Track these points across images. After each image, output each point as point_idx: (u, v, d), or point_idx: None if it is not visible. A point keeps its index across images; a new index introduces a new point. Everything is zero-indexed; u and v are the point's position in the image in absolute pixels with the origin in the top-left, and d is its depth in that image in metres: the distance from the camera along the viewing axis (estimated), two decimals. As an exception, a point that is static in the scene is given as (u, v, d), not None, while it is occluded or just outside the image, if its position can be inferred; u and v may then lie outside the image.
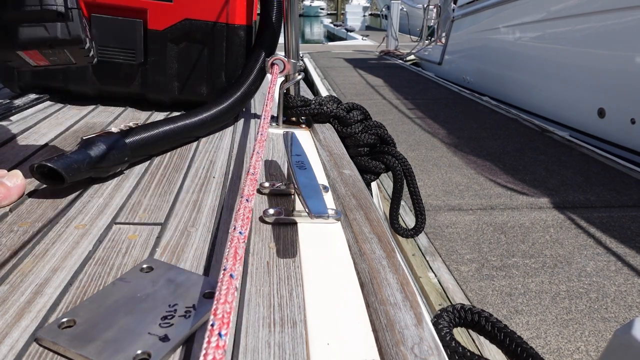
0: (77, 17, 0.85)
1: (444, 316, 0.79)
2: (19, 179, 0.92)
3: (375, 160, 1.49)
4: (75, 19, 0.85)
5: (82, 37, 0.85)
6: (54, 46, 0.85)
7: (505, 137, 4.60)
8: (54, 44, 0.85)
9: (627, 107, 4.32)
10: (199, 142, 1.34)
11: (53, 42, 0.84)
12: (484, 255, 2.53)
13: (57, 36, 0.84)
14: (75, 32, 0.85)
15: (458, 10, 8.26)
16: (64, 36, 0.84)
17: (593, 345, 1.90)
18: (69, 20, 0.84)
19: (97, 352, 0.53)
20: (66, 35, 0.84)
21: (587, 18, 4.87)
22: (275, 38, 1.56)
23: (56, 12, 0.82)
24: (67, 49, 0.88)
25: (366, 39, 15.86)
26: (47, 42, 0.84)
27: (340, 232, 0.86)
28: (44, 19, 0.82)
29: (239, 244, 0.53)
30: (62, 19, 0.83)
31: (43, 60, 0.91)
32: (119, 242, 0.79)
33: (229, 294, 0.44)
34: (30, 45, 0.84)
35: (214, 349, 0.37)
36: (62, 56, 0.91)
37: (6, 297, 0.64)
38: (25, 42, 0.83)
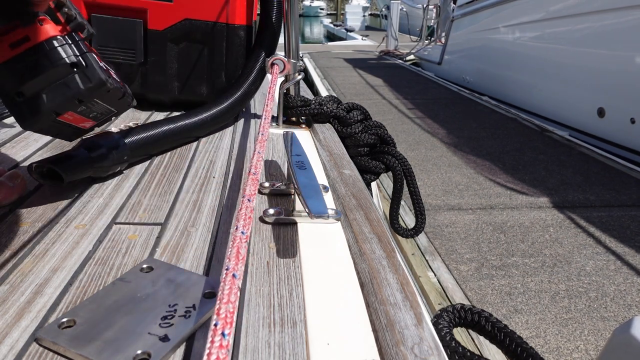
0: (91, 61, 0.81)
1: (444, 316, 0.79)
2: (19, 179, 0.92)
3: (375, 160, 1.49)
4: (89, 64, 0.81)
5: (103, 79, 0.81)
6: (82, 99, 0.81)
7: (505, 137, 4.60)
8: (81, 97, 0.81)
9: (626, 106, 4.32)
10: (199, 142, 1.34)
11: (78, 95, 0.80)
12: (484, 254, 2.53)
13: (79, 87, 0.80)
14: (94, 77, 0.81)
15: (457, 10, 8.26)
16: (85, 85, 0.80)
17: (592, 345, 1.90)
18: (84, 67, 0.80)
19: (97, 352, 0.53)
20: (87, 83, 0.80)
21: (587, 18, 4.87)
22: (275, 38, 1.56)
23: (69, 64, 0.78)
24: (97, 97, 0.84)
25: (366, 39, 15.86)
26: (74, 97, 0.80)
27: (340, 232, 0.86)
28: (60, 76, 0.79)
29: (241, 243, 0.53)
30: (78, 68, 0.79)
31: (86, 120, 0.88)
32: (119, 242, 0.79)
33: (232, 293, 0.44)
34: (61, 108, 0.80)
35: (217, 348, 0.37)
36: (99, 107, 0.87)
37: (6, 297, 0.64)
38: (53, 106, 0.79)
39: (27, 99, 0.78)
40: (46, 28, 0.77)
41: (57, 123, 0.83)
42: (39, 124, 0.80)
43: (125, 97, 0.91)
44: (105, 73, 0.84)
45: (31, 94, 0.78)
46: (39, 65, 0.77)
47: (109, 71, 0.89)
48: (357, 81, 7.53)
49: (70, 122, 0.85)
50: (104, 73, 0.83)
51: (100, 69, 0.82)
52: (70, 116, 0.83)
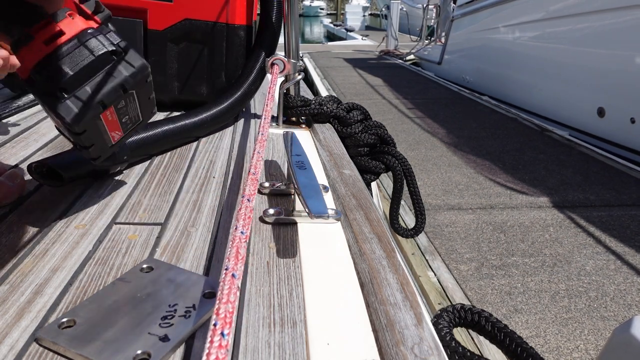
0: (129, 47, 0.78)
1: (444, 316, 0.79)
2: (19, 179, 0.92)
3: (375, 160, 1.49)
4: (129, 50, 0.77)
5: (145, 63, 0.78)
6: (127, 88, 0.77)
7: (505, 137, 4.60)
8: (126, 85, 0.76)
9: (626, 106, 4.32)
10: (199, 142, 1.34)
11: (124, 83, 0.76)
12: (484, 254, 2.53)
13: (123, 74, 0.76)
14: (136, 62, 0.77)
15: (457, 10, 8.26)
16: (129, 70, 0.76)
17: (592, 344, 1.90)
18: (124, 54, 0.77)
19: (97, 352, 0.53)
20: (131, 68, 0.77)
21: (587, 17, 4.87)
22: (275, 38, 1.56)
23: (109, 52, 0.75)
24: (138, 88, 0.80)
25: (366, 38, 15.86)
26: (119, 86, 0.76)
27: (340, 232, 0.86)
28: (103, 66, 0.75)
29: (241, 243, 0.53)
30: (118, 56, 0.76)
31: (118, 128, 0.82)
32: (119, 242, 0.79)
33: (231, 293, 0.44)
34: (107, 98, 0.75)
35: (216, 348, 0.37)
36: (132, 109, 0.83)
37: (6, 297, 0.64)
38: (100, 97, 0.74)
39: (71, 94, 0.73)
40: (78, 21, 0.75)
41: (99, 123, 0.78)
42: (86, 119, 0.74)
43: (152, 100, 0.88)
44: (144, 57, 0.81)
45: (75, 88, 0.73)
46: (77, 58, 0.73)
47: None
48: (357, 81, 7.53)
49: (106, 126, 0.80)
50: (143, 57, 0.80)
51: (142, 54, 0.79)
52: (110, 115, 0.79)
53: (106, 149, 0.83)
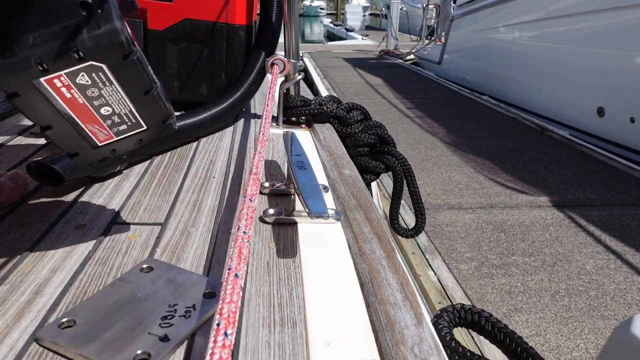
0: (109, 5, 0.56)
1: (444, 316, 0.79)
2: (19, 179, 0.92)
3: (375, 160, 1.49)
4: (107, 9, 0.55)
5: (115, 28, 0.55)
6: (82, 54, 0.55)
7: (505, 136, 4.60)
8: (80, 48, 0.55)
9: (626, 106, 4.32)
10: (199, 142, 1.34)
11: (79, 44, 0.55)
12: (484, 253, 2.53)
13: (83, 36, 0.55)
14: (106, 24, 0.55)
15: (457, 10, 8.25)
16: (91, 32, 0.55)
17: (592, 343, 1.90)
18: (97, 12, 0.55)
19: (97, 352, 0.53)
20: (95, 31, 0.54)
21: (586, 17, 4.87)
22: (275, 38, 1.56)
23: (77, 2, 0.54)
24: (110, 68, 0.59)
25: (366, 38, 15.85)
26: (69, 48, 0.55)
27: (340, 232, 0.86)
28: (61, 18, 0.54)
29: (243, 243, 0.53)
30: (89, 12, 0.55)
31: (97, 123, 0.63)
32: (119, 242, 0.79)
33: (234, 293, 0.44)
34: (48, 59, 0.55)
35: (220, 348, 0.37)
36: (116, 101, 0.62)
37: (6, 297, 0.64)
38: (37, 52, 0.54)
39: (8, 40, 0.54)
40: None
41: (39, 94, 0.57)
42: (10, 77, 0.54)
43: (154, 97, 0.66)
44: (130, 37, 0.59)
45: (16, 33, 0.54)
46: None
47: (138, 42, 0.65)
48: (357, 81, 7.53)
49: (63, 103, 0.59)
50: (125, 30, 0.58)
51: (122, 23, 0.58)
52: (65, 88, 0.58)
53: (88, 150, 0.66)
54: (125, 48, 0.58)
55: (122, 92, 0.62)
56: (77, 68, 0.57)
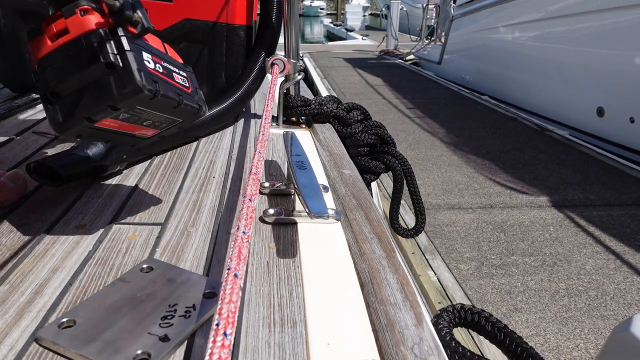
0: (130, 62, 0.67)
1: (444, 316, 0.79)
2: (19, 179, 0.92)
3: (375, 160, 1.49)
4: (127, 65, 0.67)
5: (139, 85, 0.67)
6: (116, 106, 0.68)
7: (505, 136, 4.60)
8: (113, 103, 0.68)
9: (626, 106, 4.32)
10: (199, 142, 1.34)
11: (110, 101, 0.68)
12: (484, 253, 2.53)
13: (112, 92, 0.67)
14: (130, 81, 0.67)
15: (457, 10, 8.25)
16: (119, 90, 0.67)
17: (592, 343, 1.90)
18: (121, 68, 0.67)
19: (97, 352, 0.53)
20: (121, 88, 0.67)
21: (586, 17, 4.87)
22: (275, 38, 1.56)
23: (103, 65, 0.66)
24: (139, 105, 0.71)
25: (366, 38, 15.85)
26: (105, 103, 0.67)
27: (340, 232, 0.86)
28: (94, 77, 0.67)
29: (243, 243, 0.53)
30: (113, 69, 0.67)
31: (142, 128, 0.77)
32: (119, 242, 0.79)
33: (234, 293, 0.44)
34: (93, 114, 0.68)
35: (219, 348, 0.37)
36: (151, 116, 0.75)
37: (6, 297, 0.64)
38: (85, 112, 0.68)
39: (61, 100, 0.68)
40: (88, 20, 0.67)
41: (98, 130, 0.72)
42: (72, 130, 0.70)
43: (183, 107, 0.78)
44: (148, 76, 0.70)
45: (66, 94, 0.68)
46: (74, 62, 0.67)
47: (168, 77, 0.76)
48: (357, 81, 7.53)
49: (116, 129, 0.74)
50: (146, 77, 0.69)
51: (142, 72, 0.69)
52: (113, 123, 0.72)
53: (144, 141, 0.83)
54: (149, 97, 0.70)
55: (156, 112, 0.76)
56: (116, 113, 0.71)
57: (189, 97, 0.80)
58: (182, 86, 0.80)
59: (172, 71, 0.79)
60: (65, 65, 0.67)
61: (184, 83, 0.81)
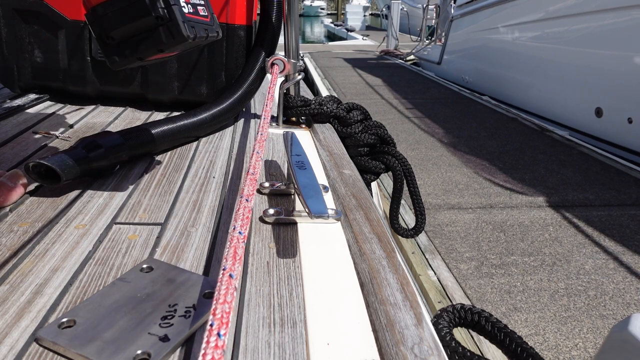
0: (176, 15, 0.80)
1: (444, 316, 0.79)
2: (19, 179, 0.92)
3: (375, 160, 1.49)
4: (174, 18, 0.80)
5: (185, 35, 0.81)
6: (164, 49, 0.82)
7: (505, 137, 4.60)
8: (163, 48, 0.82)
9: (624, 106, 4.32)
10: (199, 142, 1.34)
11: (161, 46, 0.82)
12: (483, 253, 2.53)
13: (161, 40, 0.81)
14: (177, 32, 0.80)
15: (457, 10, 8.25)
16: (167, 39, 0.81)
17: (591, 342, 1.90)
18: (169, 20, 0.80)
19: (97, 352, 0.53)
20: (170, 38, 0.81)
21: (585, 18, 4.87)
22: (275, 38, 1.56)
23: (154, 17, 0.79)
24: (180, 48, 0.85)
25: (366, 38, 15.85)
26: (156, 48, 0.82)
27: (340, 232, 0.86)
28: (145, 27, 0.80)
29: (239, 244, 0.53)
30: (162, 21, 0.80)
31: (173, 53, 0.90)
32: (119, 242, 0.79)
33: (228, 294, 0.44)
34: (144, 55, 0.82)
35: (212, 349, 0.37)
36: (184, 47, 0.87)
37: (6, 297, 0.64)
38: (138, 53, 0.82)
39: (116, 43, 0.81)
40: None
41: (144, 62, 0.85)
42: (125, 66, 0.84)
43: (209, 38, 0.91)
44: (189, 24, 0.83)
45: (119, 38, 0.81)
46: (128, 13, 0.79)
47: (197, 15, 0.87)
48: (357, 81, 7.53)
49: (156, 58, 0.87)
50: (188, 26, 0.82)
51: (185, 23, 0.82)
52: (155, 58, 0.86)
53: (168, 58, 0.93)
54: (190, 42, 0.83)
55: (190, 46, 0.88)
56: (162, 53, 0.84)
57: (211, 28, 0.93)
58: (205, 18, 0.91)
59: (196, 5, 0.89)
60: (120, 14, 0.79)
61: (205, 14, 0.92)
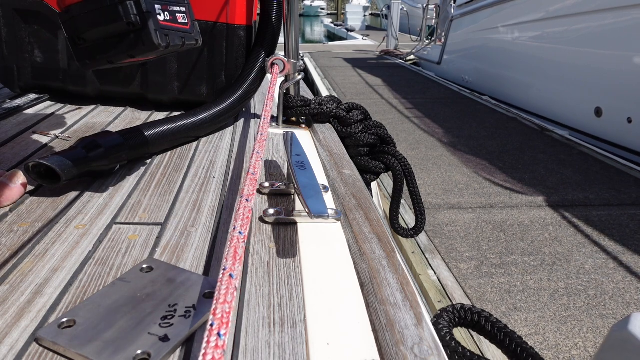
0: (149, 23, 0.80)
1: (443, 316, 0.79)
2: (19, 179, 0.92)
3: (375, 160, 1.49)
4: (146, 26, 0.80)
5: (156, 44, 0.81)
6: (135, 55, 0.82)
7: (505, 136, 4.60)
8: (133, 54, 0.82)
9: (623, 106, 4.32)
10: (199, 142, 1.34)
11: (131, 52, 0.81)
12: (483, 253, 2.53)
13: (131, 46, 0.81)
14: (148, 40, 0.80)
15: (457, 10, 8.25)
16: (137, 47, 0.81)
17: (591, 342, 1.90)
18: (140, 28, 0.80)
19: (97, 352, 0.53)
20: (140, 45, 0.81)
21: (585, 17, 4.86)
22: (275, 38, 1.56)
23: (125, 23, 0.79)
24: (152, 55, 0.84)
25: (366, 38, 15.85)
26: (126, 53, 0.81)
27: (340, 232, 0.86)
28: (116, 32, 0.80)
29: (239, 244, 0.53)
30: (134, 27, 0.79)
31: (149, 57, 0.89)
32: (119, 242, 0.79)
33: (229, 293, 0.44)
34: (114, 59, 0.82)
35: (213, 348, 0.37)
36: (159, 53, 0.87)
37: (6, 297, 0.64)
38: (107, 57, 0.82)
39: (86, 44, 0.81)
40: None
41: (114, 65, 0.85)
42: (94, 68, 0.85)
43: (186, 46, 0.90)
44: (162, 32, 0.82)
45: (91, 41, 0.81)
46: (99, 16, 0.79)
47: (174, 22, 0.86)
48: (357, 81, 7.53)
49: (129, 62, 0.86)
50: (161, 34, 0.81)
51: (158, 31, 0.81)
52: (127, 62, 0.85)
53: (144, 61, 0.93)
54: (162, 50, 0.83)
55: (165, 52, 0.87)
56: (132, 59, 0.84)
57: (189, 36, 0.92)
58: (184, 26, 0.91)
59: (175, 12, 0.89)
60: (92, 17, 0.79)
61: (184, 21, 0.91)
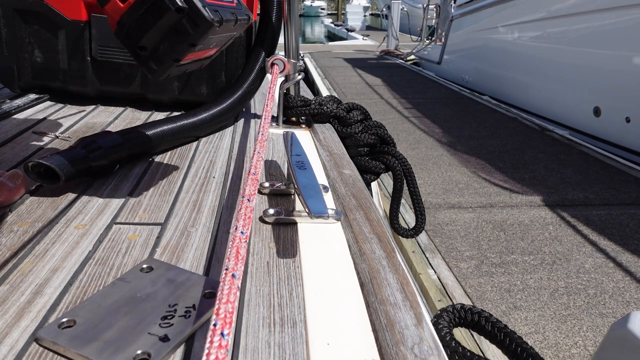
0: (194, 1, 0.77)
1: (444, 316, 0.79)
2: (19, 179, 0.92)
3: (375, 160, 1.49)
4: (193, 5, 0.77)
5: (209, 19, 0.78)
6: (195, 43, 0.80)
7: (505, 136, 4.60)
8: (193, 41, 0.79)
9: (622, 106, 4.32)
10: (199, 142, 1.34)
11: (191, 40, 0.79)
12: (484, 252, 2.53)
13: (189, 33, 0.78)
14: (201, 19, 0.77)
15: (457, 10, 8.25)
16: (194, 29, 0.78)
17: (591, 340, 1.90)
18: (188, 10, 0.77)
19: (97, 352, 0.53)
20: (195, 27, 0.78)
21: (584, 17, 4.86)
22: (275, 38, 1.56)
23: (174, 11, 0.76)
24: (210, 35, 0.81)
25: (366, 38, 15.84)
26: (187, 43, 0.79)
27: (340, 232, 0.86)
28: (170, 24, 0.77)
29: (241, 243, 0.53)
30: (183, 12, 0.77)
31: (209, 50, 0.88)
32: (119, 242, 0.79)
33: (231, 293, 0.45)
34: (179, 54, 0.80)
35: (216, 348, 0.37)
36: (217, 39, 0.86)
37: (6, 297, 0.64)
38: (173, 55, 0.80)
39: (147, 52, 0.80)
40: None
41: (182, 65, 0.84)
42: (164, 74, 0.83)
43: (239, 22, 0.89)
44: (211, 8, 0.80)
45: (152, 46, 0.79)
46: (149, 16, 0.77)
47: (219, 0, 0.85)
48: (357, 81, 7.53)
49: (193, 59, 0.86)
50: (210, 10, 0.79)
51: (206, 7, 0.79)
52: (192, 55, 0.83)
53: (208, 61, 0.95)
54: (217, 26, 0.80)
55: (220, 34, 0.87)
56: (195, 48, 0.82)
57: (239, 11, 0.91)
58: (230, 4, 0.90)
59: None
60: (143, 19, 0.77)
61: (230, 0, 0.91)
